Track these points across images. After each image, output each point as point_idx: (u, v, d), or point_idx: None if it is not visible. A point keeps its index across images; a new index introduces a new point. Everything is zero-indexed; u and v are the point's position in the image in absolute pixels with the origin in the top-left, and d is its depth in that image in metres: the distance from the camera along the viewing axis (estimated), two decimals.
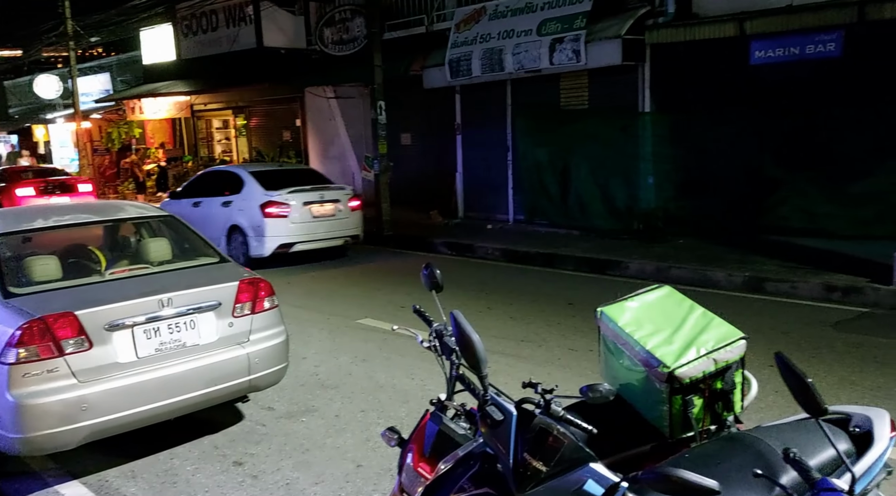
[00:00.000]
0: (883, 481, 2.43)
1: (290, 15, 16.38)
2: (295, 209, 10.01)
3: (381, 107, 12.22)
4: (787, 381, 1.92)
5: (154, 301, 4.22)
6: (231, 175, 10.82)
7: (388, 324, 6.99)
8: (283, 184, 10.23)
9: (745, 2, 9.29)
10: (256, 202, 10.01)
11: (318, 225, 10.30)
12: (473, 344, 2.23)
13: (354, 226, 10.87)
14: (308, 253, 10.44)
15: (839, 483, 1.74)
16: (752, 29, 9.01)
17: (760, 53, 9.12)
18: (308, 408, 5.02)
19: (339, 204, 10.59)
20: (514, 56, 11.21)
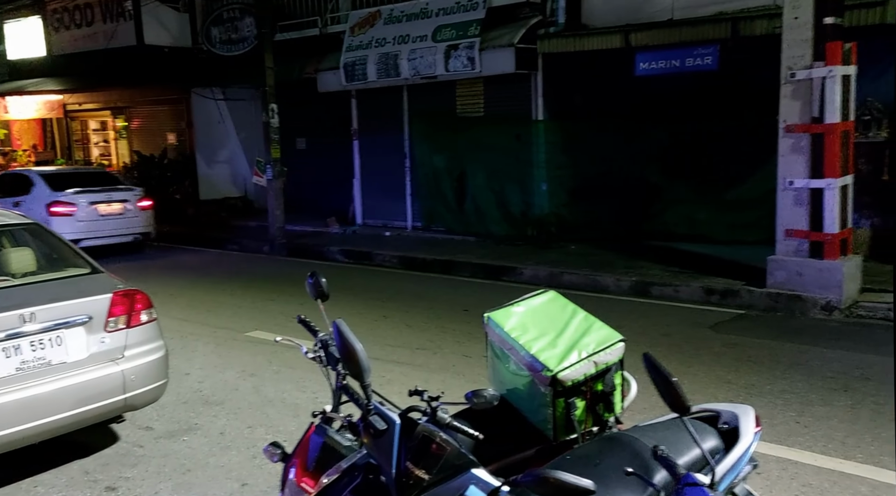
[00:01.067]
0: (753, 473, 2.56)
1: (175, 12, 15.64)
2: (81, 208, 10.99)
3: (274, 110, 11.90)
4: (654, 381, 1.98)
5: (14, 316, 3.87)
6: (22, 177, 11.75)
7: (279, 335, 6.76)
8: (71, 185, 11.19)
9: (630, 14, 9.73)
10: (43, 202, 10.89)
11: (104, 223, 11.23)
12: (356, 353, 2.17)
13: (144, 224, 11.85)
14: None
15: (702, 478, 1.81)
16: (636, 41, 9.45)
17: (645, 65, 9.58)
18: (190, 427, 4.75)
19: (128, 204, 11.59)
20: (409, 62, 11.22)
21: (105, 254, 9.95)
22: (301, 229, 13.02)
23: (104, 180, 11.99)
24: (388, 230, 12.64)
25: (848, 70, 6.90)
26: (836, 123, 6.84)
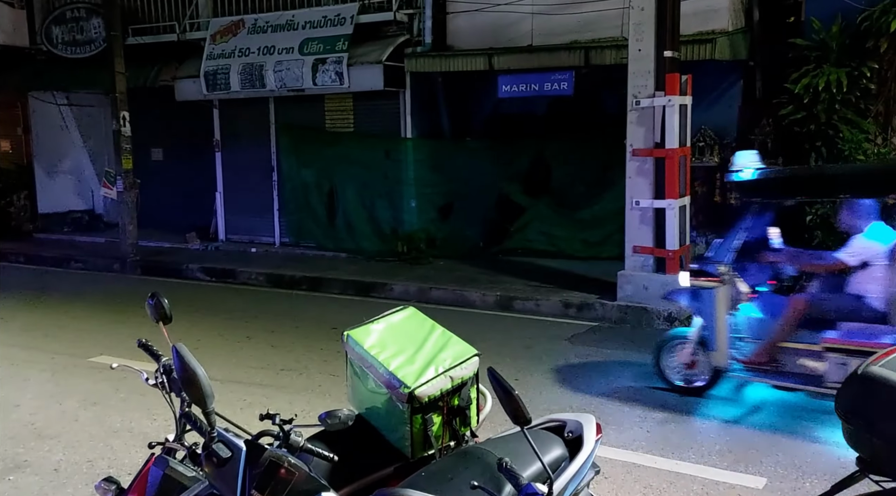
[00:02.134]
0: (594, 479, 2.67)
1: (9, 7, 14.26)
2: None
3: (125, 117, 11.14)
4: (497, 394, 2.02)
5: None
6: None
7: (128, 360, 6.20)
8: None
9: (493, 38, 10.05)
10: None
11: None
12: (198, 378, 2.05)
13: None
14: None
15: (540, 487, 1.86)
16: (499, 64, 9.77)
17: (507, 87, 9.92)
18: (18, 464, 4.28)
19: None
20: (275, 73, 10.92)
21: None
22: (157, 245, 12.26)
23: None
24: (253, 246, 12.18)
25: (685, 100, 7.50)
26: (675, 148, 7.40)
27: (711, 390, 5.28)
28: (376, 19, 10.60)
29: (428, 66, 10.31)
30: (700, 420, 4.95)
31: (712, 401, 5.22)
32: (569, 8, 9.39)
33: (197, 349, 2.65)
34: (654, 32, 7.35)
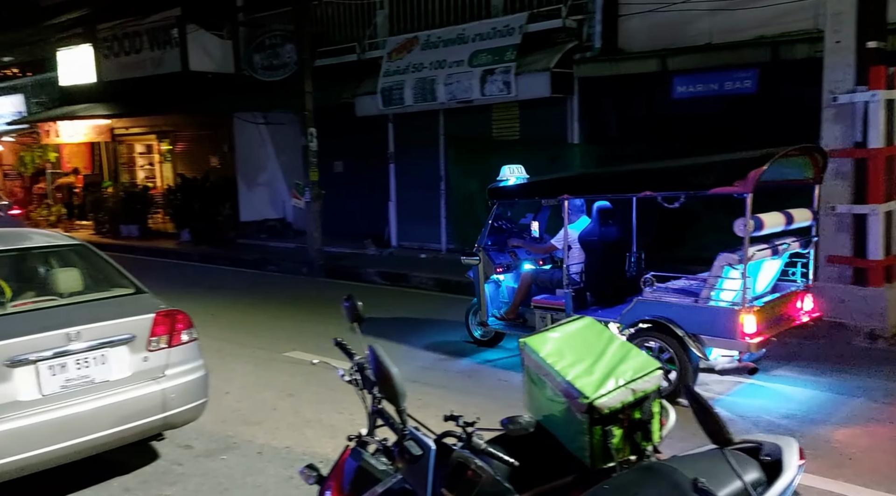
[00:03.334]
0: None
1: (218, 39, 16.09)
2: None
3: (313, 134, 12.11)
4: (694, 411, 1.95)
5: (60, 335, 3.98)
6: None
7: (318, 356, 6.81)
8: None
9: (666, 39, 9.70)
10: None
11: None
12: (392, 377, 2.19)
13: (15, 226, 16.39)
14: None
15: None
16: (673, 65, 9.40)
17: (683, 88, 9.51)
18: (228, 446, 4.81)
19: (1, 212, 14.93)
20: (445, 86, 11.34)
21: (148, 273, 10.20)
22: (338, 251, 13.16)
23: None
24: (423, 252, 12.70)
25: (892, 94, 6.76)
26: (880, 148, 6.69)
27: (502, 342, 6.98)
28: (545, 27, 10.65)
29: (596, 70, 10.16)
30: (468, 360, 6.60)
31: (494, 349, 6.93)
32: (753, 1, 8.82)
33: None
34: (854, 21, 6.70)
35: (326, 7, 14.10)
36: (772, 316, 5.43)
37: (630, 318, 5.62)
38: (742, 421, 4.95)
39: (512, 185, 6.93)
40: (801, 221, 5.74)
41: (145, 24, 16.49)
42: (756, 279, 5.54)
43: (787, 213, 5.62)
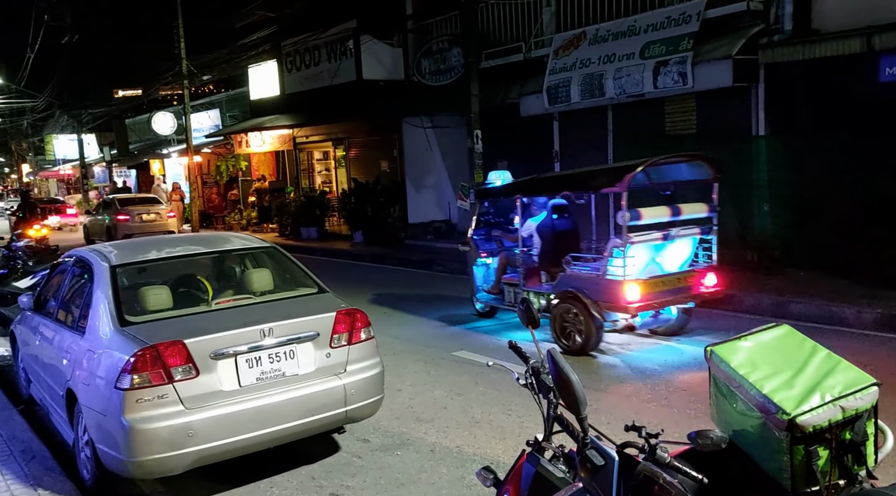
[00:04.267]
0: None
1: (389, 47, 16.87)
2: (133, 216, 19.69)
3: (478, 135, 12.28)
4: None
5: (256, 331, 4.32)
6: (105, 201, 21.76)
7: (483, 357, 6.89)
8: (131, 203, 20.75)
9: (871, 15, 8.65)
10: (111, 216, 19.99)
11: (146, 224, 19.61)
12: (572, 384, 2.12)
13: (170, 227, 20.10)
14: None
15: None
16: (881, 44, 8.34)
17: (892, 69, 8.44)
18: (403, 442, 4.97)
19: (160, 213, 20.33)
20: (615, 81, 10.98)
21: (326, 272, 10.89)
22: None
23: (151, 201, 21.45)
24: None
25: None
26: None
27: (497, 313, 8.52)
28: (726, 12, 9.97)
29: (787, 54, 9.30)
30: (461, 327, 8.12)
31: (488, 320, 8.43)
32: None
33: None
34: None
35: (492, 9, 14.24)
36: (663, 288, 6.71)
37: (556, 290, 7.17)
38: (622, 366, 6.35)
39: (489, 188, 9.07)
40: (694, 213, 7.00)
41: (324, 37, 17.68)
42: (654, 259, 6.95)
43: (676, 206, 6.90)
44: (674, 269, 7.02)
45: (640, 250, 6.63)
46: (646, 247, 6.73)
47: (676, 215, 6.83)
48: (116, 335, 4.20)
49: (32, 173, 51.69)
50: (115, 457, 3.98)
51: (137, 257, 5.06)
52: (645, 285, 6.53)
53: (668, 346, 7.00)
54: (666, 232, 6.80)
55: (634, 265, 6.54)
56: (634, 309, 6.45)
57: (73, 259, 5.28)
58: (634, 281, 6.45)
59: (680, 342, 7.08)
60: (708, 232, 7.03)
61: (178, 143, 27.56)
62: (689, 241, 7.05)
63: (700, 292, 6.95)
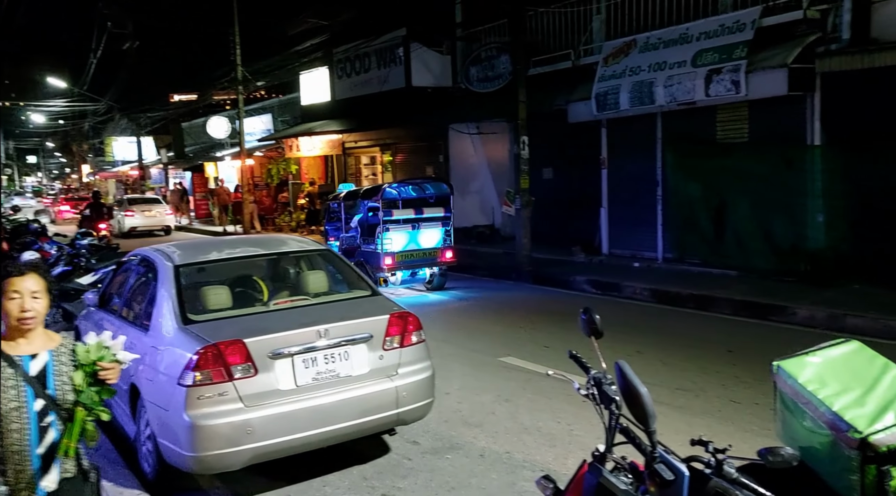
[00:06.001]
0: None
1: (438, 55, 16.99)
2: (137, 212, 24.64)
3: (524, 142, 12.27)
4: None
5: (312, 331, 4.40)
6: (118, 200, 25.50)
7: (531, 363, 6.89)
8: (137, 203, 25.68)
9: None
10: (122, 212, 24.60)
11: (145, 219, 24.77)
12: (641, 397, 2.12)
13: (166, 223, 25.15)
14: None
15: None
16: None
17: None
18: (452, 445, 5.00)
19: (158, 212, 25.10)
20: (665, 88, 10.85)
21: None
22: (546, 257, 13.17)
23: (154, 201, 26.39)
24: (636, 261, 12.27)
25: None
26: None
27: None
28: (781, 20, 9.78)
29: (845, 64, 9.09)
30: None
31: None
32: None
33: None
34: None
35: (541, 17, 14.23)
36: (413, 258, 10.81)
37: (353, 260, 10.14)
38: None
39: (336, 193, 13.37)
40: (434, 213, 11.17)
41: (374, 45, 17.91)
42: (414, 239, 10.92)
43: (420, 209, 11.12)
44: (426, 247, 10.99)
45: (396, 234, 10.70)
46: (401, 232, 10.77)
47: (420, 214, 11.00)
48: (179, 333, 4.33)
49: (92, 174, 53.55)
50: (176, 452, 4.11)
51: (199, 258, 5.20)
52: (397, 256, 10.58)
53: (425, 296, 11.02)
54: (414, 224, 10.89)
55: (392, 243, 10.60)
56: (388, 269, 10.57)
57: (137, 258, 5.46)
58: (389, 254, 10.49)
59: (434, 294, 11.08)
60: (447, 225, 11.20)
61: (231, 146, 28.18)
62: (436, 230, 11.14)
63: (442, 261, 11.03)
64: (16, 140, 77.45)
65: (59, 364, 2.65)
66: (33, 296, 2.59)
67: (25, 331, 2.61)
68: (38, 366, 2.61)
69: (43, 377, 2.60)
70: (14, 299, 2.57)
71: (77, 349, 2.67)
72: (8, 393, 2.53)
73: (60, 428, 2.60)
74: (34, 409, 2.57)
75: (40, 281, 2.63)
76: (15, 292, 2.57)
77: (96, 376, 2.62)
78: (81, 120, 45.77)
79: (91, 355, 2.63)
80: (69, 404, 2.61)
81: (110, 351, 2.66)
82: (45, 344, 2.67)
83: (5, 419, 2.52)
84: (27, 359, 2.61)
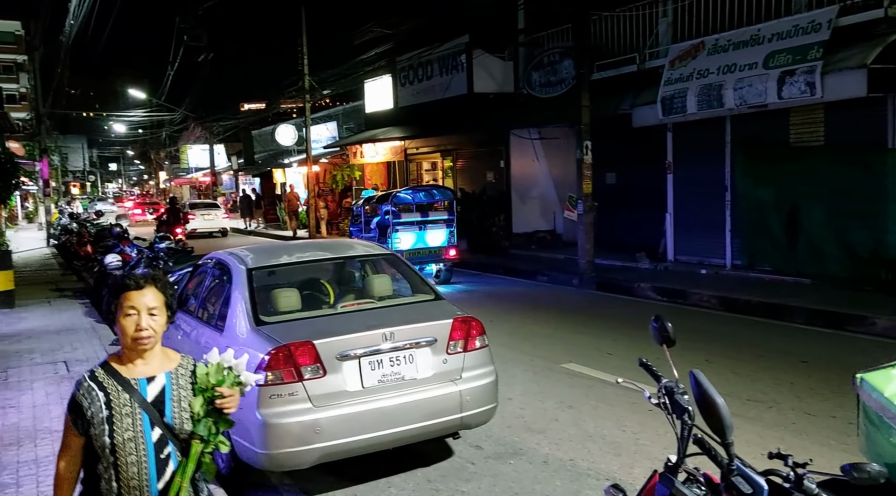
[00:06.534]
0: None
1: (500, 61, 17.02)
2: (197, 216, 27.33)
3: (588, 146, 12.14)
4: None
5: (378, 334, 4.47)
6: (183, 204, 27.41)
7: (594, 370, 6.80)
8: (198, 207, 28.70)
9: None
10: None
11: (204, 222, 27.55)
12: (718, 408, 2.08)
13: (222, 226, 28.28)
14: None
15: None
16: None
17: None
18: (515, 451, 4.99)
19: (216, 215, 28.11)
20: (735, 91, 10.56)
21: None
22: (609, 263, 12.99)
23: (211, 206, 29.39)
24: (703, 268, 11.96)
25: None
26: None
27: None
28: (860, 20, 9.41)
29: None
30: None
31: None
32: None
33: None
34: None
35: (605, 21, 14.08)
36: (420, 255, 11.95)
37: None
38: None
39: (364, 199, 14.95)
40: (439, 216, 12.73)
41: (437, 52, 18.07)
42: (422, 239, 12.30)
43: (426, 212, 12.81)
44: (432, 245, 12.34)
45: (405, 234, 12.21)
46: (409, 232, 12.28)
47: (425, 217, 12.63)
48: (252, 334, 4.47)
49: (168, 180, 55.99)
50: (248, 449, 4.24)
51: (270, 261, 5.36)
52: (406, 254, 11.40)
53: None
54: (421, 225, 12.37)
55: (402, 242, 12.11)
56: None
57: (212, 262, 5.67)
58: (398, 251, 10.80)
59: (442, 287, 11.25)
60: (451, 226, 12.62)
61: (297, 153, 28.95)
62: (441, 230, 12.52)
63: (446, 258, 12.30)
64: (99, 148, 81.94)
65: (177, 388, 2.35)
66: (150, 313, 2.30)
67: (142, 352, 2.32)
68: (156, 391, 2.33)
69: (160, 403, 2.32)
70: (130, 316, 2.28)
71: (198, 371, 2.37)
72: (123, 421, 2.26)
73: (180, 459, 2.32)
74: (151, 440, 2.29)
75: (159, 295, 2.33)
76: (131, 308, 2.28)
77: (214, 403, 2.32)
78: (159, 129, 47.94)
79: (210, 379, 2.32)
80: (186, 434, 2.32)
81: (232, 372, 2.34)
82: (162, 365, 2.38)
83: (121, 450, 2.26)
84: (143, 382, 2.32)
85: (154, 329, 2.30)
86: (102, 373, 2.32)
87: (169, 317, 2.37)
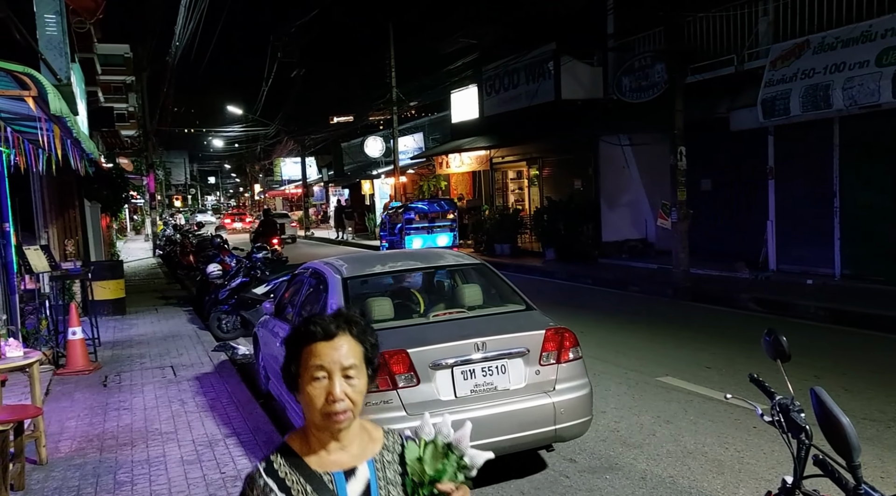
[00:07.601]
0: None
1: (588, 67, 16.77)
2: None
3: (682, 152, 11.75)
4: None
5: (470, 344, 4.46)
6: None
7: (692, 384, 6.54)
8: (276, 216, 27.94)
9: None
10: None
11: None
12: (844, 427, 1.95)
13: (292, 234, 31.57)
14: None
15: None
16: None
17: None
18: (611, 465, 4.85)
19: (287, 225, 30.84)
20: (844, 91, 9.96)
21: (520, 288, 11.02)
22: (705, 273, 12.49)
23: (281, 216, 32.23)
24: (808, 277, 11.30)
25: None
26: None
27: None
28: None
29: None
30: None
31: None
32: None
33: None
34: None
35: (700, 22, 13.62)
36: None
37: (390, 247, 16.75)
38: None
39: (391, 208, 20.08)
40: (443, 222, 17.74)
41: (523, 60, 18.02)
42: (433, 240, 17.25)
43: (432, 218, 17.73)
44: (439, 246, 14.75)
45: (417, 237, 16.15)
46: (419, 235, 16.34)
47: (433, 222, 16.68)
48: None
49: (262, 192, 58.59)
50: None
51: (365, 271, 5.46)
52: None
53: None
54: (429, 229, 16.12)
55: (414, 243, 16.07)
56: None
57: (308, 271, 5.84)
58: None
59: None
60: (454, 230, 17.12)
61: (385, 164, 29.53)
62: (446, 234, 16.77)
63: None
64: (199, 163, 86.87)
65: (384, 482, 1.63)
66: (346, 375, 1.56)
67: (337, 433, 1.59)
68: (358, 490, 1.61)
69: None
70: (319, 380, 1.55)
71: (407, 455, 1.65)
72: None
73: None
74: None
75: (356, 347, 1.60)
76: (320, 369, 1.55)
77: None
78: (254, 143, 50.22)
79: (427, 468, 1.61)
80: None
81: (453, 456, 1.63)
82: (363, 448, 1.65)
83: None
84: (340, 477, 1.60)
85: (352, 398, 1.56)
86: (282, 463, 1.60)
87: (370, 377, 1.63)
